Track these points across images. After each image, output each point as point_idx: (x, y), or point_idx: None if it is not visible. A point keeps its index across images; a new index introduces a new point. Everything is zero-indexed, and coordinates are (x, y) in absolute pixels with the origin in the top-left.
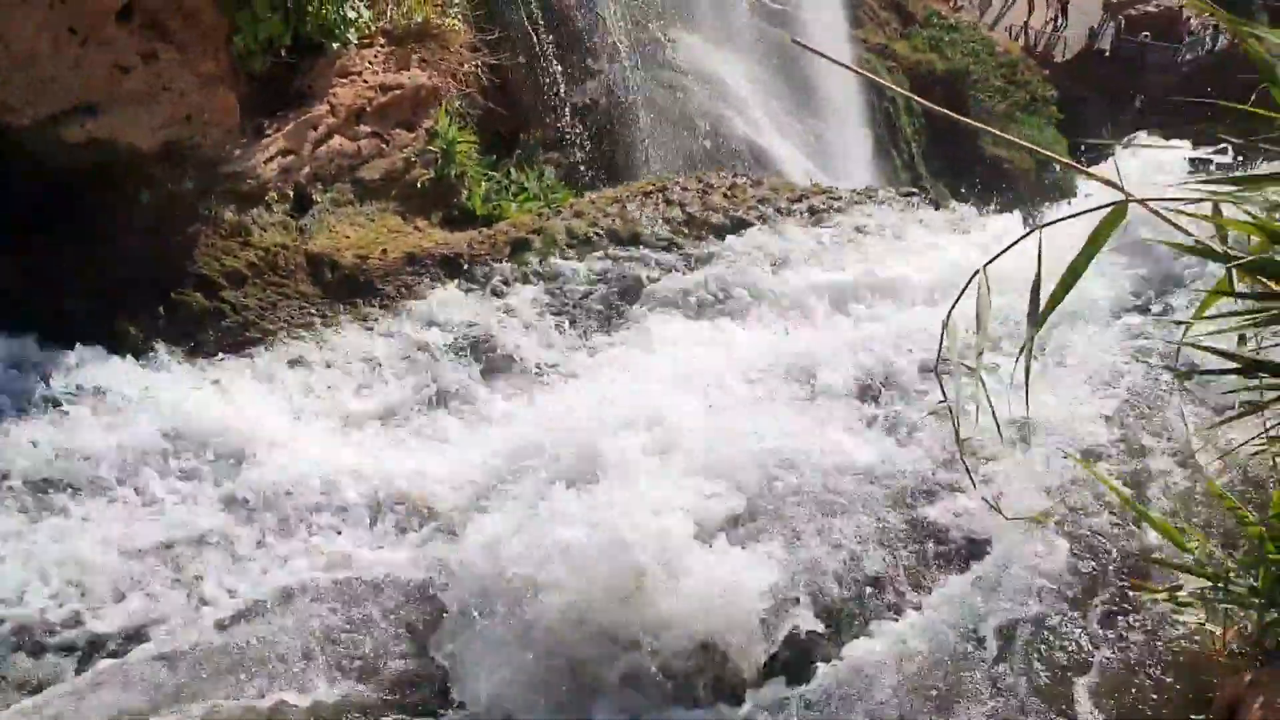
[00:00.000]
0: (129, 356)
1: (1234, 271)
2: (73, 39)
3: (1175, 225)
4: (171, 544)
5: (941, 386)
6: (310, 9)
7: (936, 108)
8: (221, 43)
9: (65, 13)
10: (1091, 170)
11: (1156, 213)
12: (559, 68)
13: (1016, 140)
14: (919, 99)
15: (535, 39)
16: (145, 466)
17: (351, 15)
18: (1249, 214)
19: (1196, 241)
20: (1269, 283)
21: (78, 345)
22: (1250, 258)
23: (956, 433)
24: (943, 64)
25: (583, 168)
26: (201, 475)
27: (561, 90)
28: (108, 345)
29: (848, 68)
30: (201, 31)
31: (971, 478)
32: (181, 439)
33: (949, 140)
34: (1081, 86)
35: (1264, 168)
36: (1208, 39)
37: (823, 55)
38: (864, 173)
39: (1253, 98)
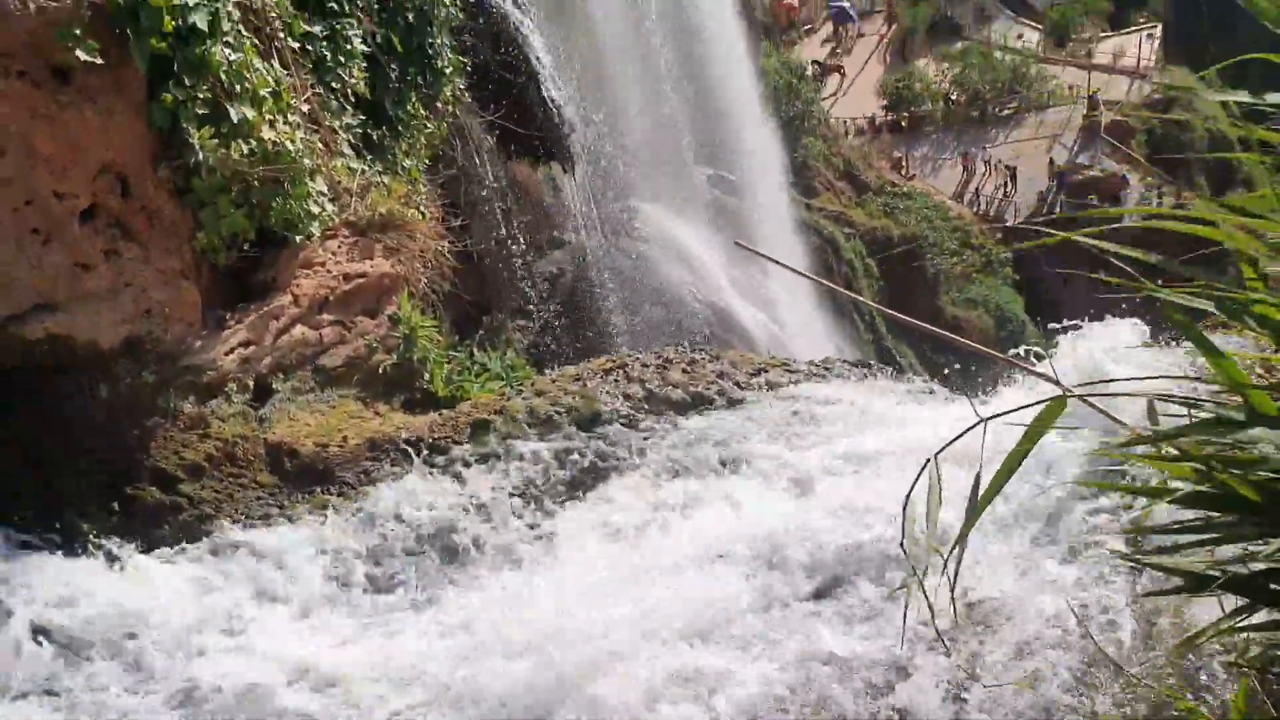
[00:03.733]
0: (75, 552)
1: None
2: (35, 239)
3: (1114, 419)
4: None
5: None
6: (274, 205)
7: None
8: (184, 239)
9: (30, 215)
10: (1031, 367)
11: (1095, 407)
12: (525, 239)
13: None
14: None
15: (501, 214)
16: (86, 662)
17: (315, 210)
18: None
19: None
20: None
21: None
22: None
23: (930, 608)
24: (898, 229)
25: (549, 338)
26: (150, 669)
27: (528, 260)
28: (57, 541)
29: (795, 271)
30: (164, 229)
31: (948, 647)
32: (128, 632)
33: (908, 301)
34: (1032, 249)
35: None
36: (1152, 200)
37: (769, 259)
38: (825, 333)
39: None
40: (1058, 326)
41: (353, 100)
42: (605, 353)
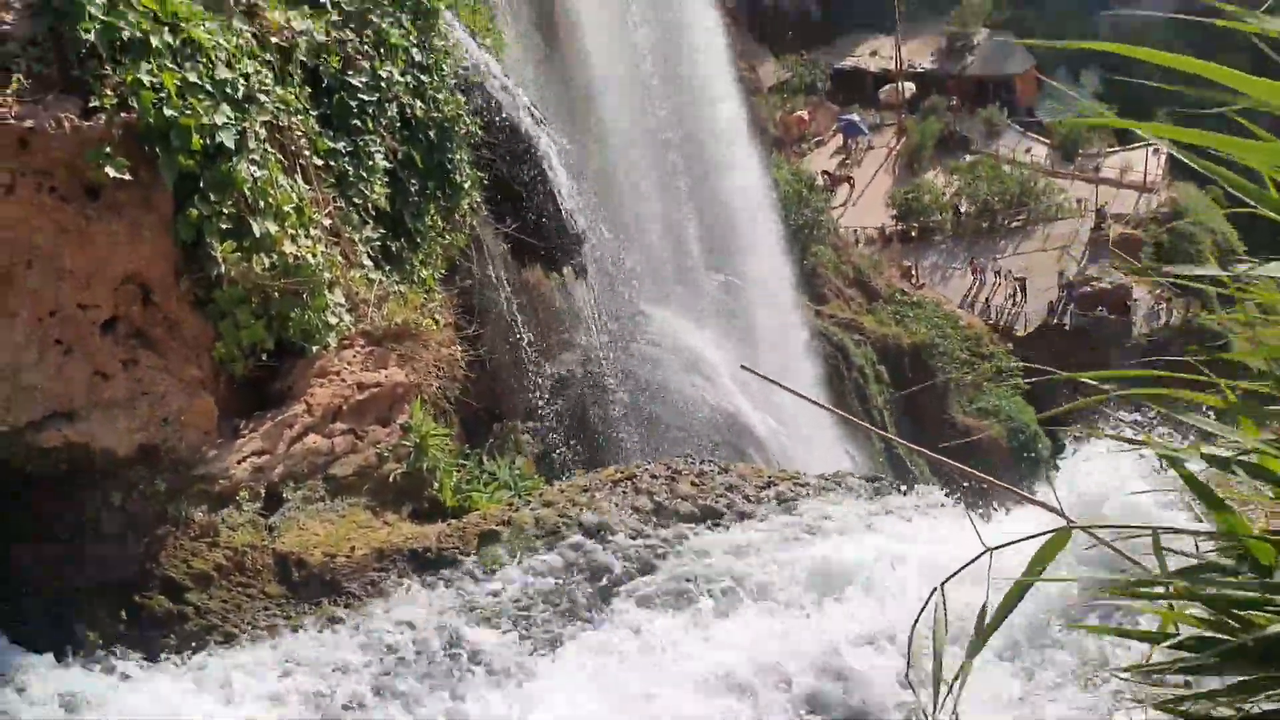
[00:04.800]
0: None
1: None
2: (58, 349)
3: (1120, 553)
4: None
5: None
6: (293, 316)
7: None
8: (204, 348)
9: (53, 326)
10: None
11: (1101, 540)
12: (536, 342)
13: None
14: None
15: (512, 319)
16: None
17: (333, 320)
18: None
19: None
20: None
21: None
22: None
23: None
24: (909, 337)
25: (558, 442)
26: None
27: (538, 363)
28: (63, 648)
29: (803, 396)
30: (184, 338)
31: None
32: None
33: (919, 409)
34: (1043, 359)
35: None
36: (1161, 313)
37: (777, 384)
38: (836, 438)
39: None
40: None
41: (373, 213)
42: (614, 457)
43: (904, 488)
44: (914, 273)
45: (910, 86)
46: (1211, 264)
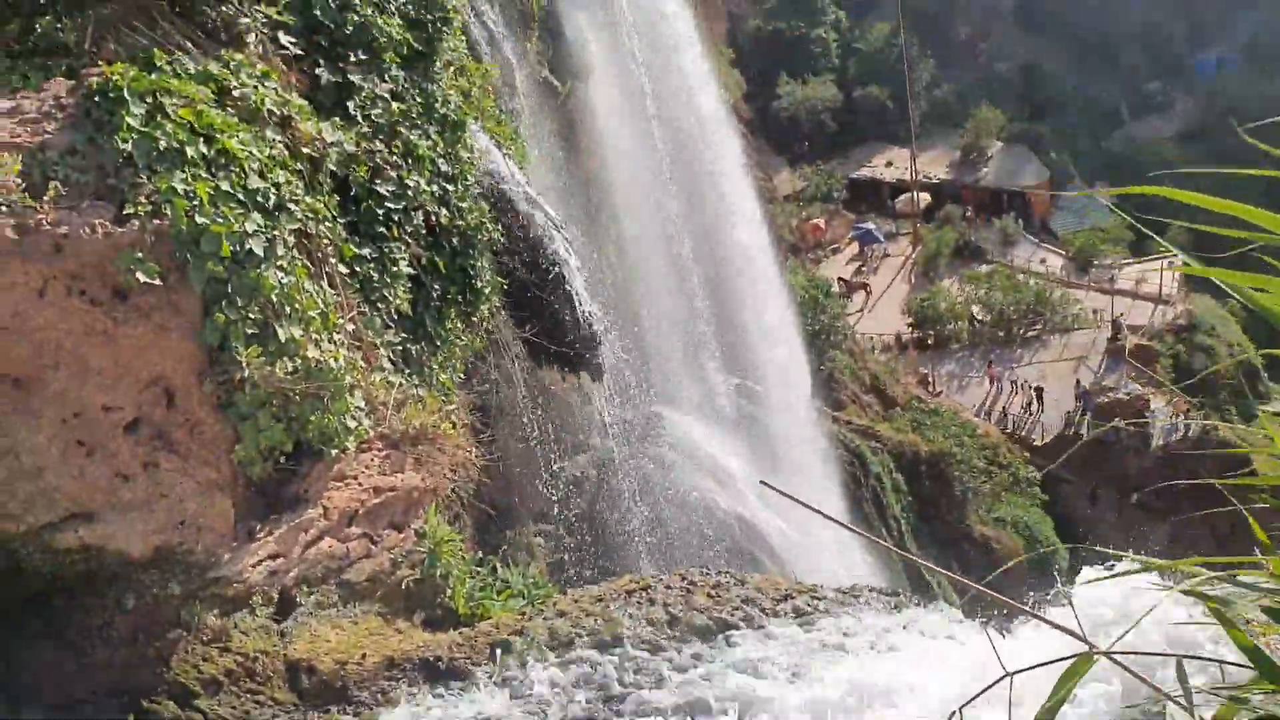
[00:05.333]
0: None
1: None
2: (79, 450)
3: (1144, 681)
4: None
5: None
6: (312, 419)
7: None
8: (223, 451)
9: (76, 426)
10: (1051, 619)
11: (1124, 666)
12: (551, 442)
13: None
14: None
15: (528, 419)
16: None
17: (352, 424)
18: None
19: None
20: None
21: None
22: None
23: None
24: (926, 445)
25: (571, 544)
26: None
27: (553, 464)
28: None
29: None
30: (204, 441)
31: None
32: None
33: (936, 518)
34: (1061, 468)
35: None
36: (1180, 425)
37: (795, 500)
38: (852, 547)
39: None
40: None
41: (395, 317)
42: (627, 561)
43: (923, 602)
44: (931, 380)
45: (925, 196)
46: (1230, 378)
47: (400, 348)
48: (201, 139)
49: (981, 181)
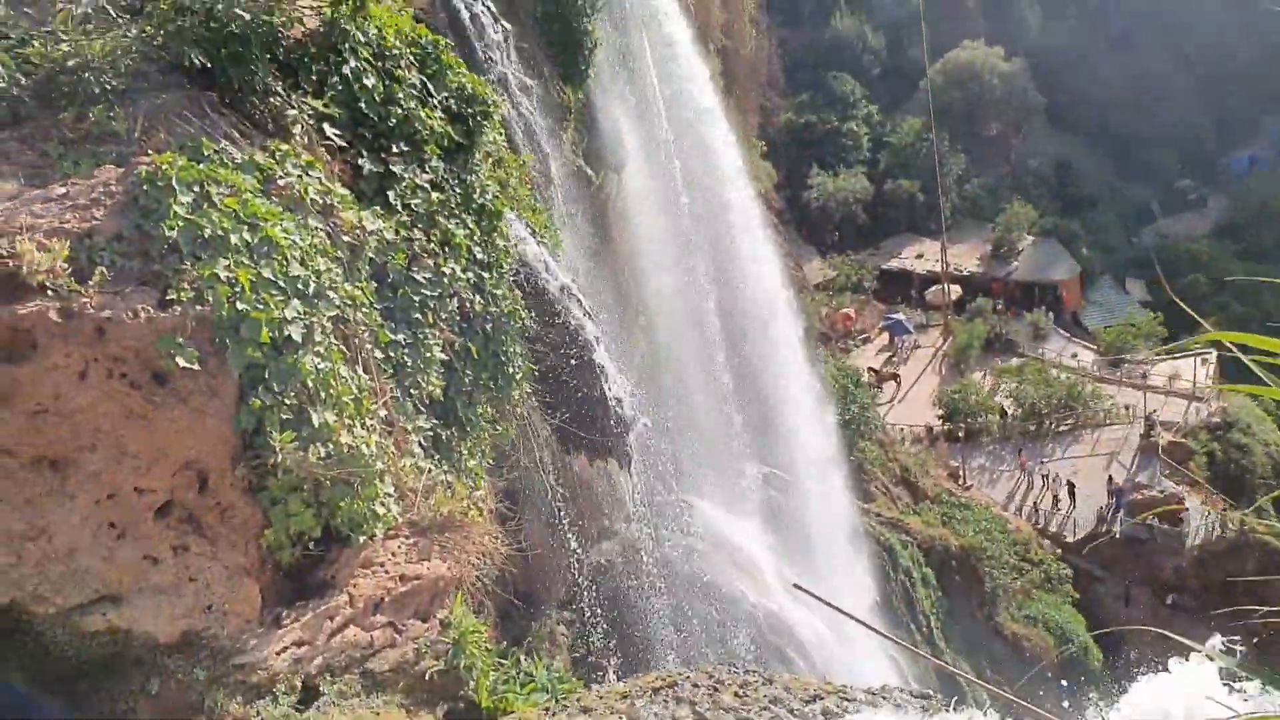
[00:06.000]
0: None
1: None
2: (111, 532)
3: None
4: None
5: None
6: (342, 505)
7: None
8: (253, 535)
9: (109, 509)
10: None
11: None
12: (577, 529)
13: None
14: None
15: (556, 506)
16: None
17: (381, 511)
18: None
19: None
20: None
21: None
22: None
23: None
24: (957, 540)
25: (596, 634)
26: None
27: (579, 551)
28: None
29: (854, 618)
30: (234, 525)
31: None
32: None
33: (966, 614)
34: (1094, 566)
35: None
36: (1214, 524)
37: (827, 604)
38: (882, 644)
39: None
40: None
41: (426, 403)
42: (651, 652)
43: (954, 704)
44: (961, 473)
45: (956, 289)
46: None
47: (431, 433)
48: (246, 227)
49: (1012, 275)
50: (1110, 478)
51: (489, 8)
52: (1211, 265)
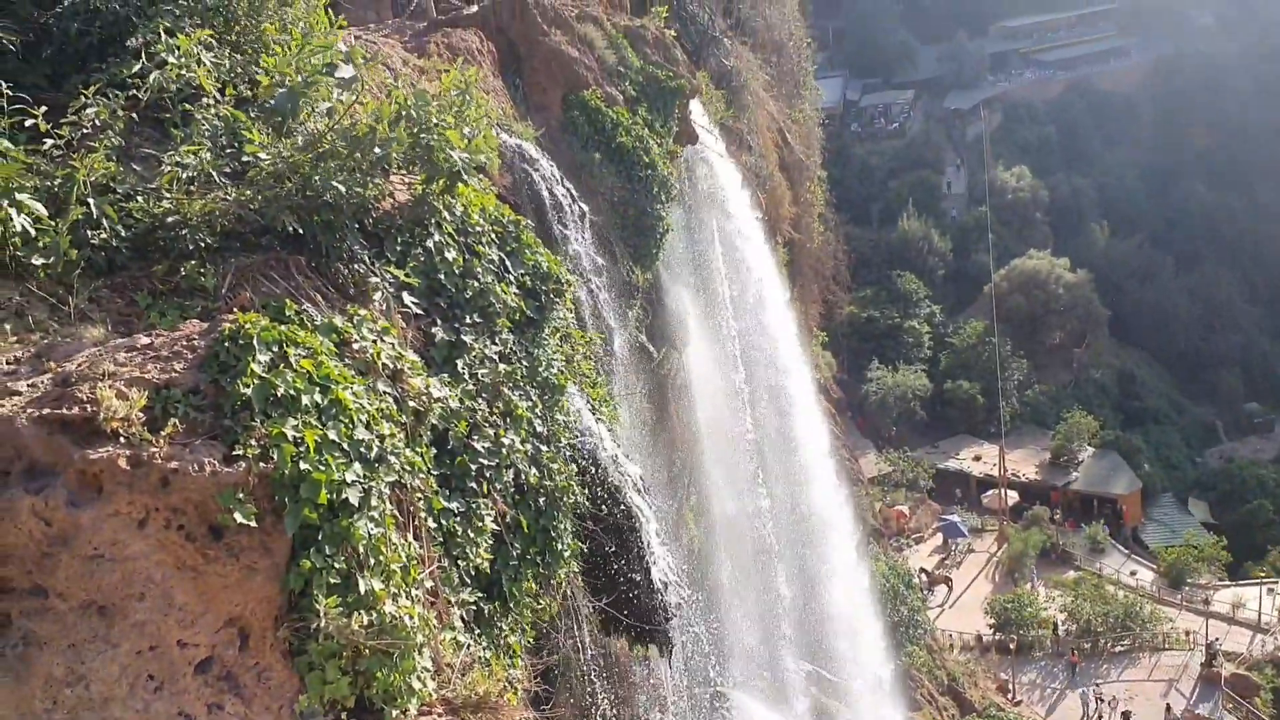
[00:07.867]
0: None
1: None
2: (149, 684)
3: None
4: None
5: None
6: (379, 675)
7: None
8: (286, 700)
9: (150, 660)
10: None
11: None
12: (611, 715)
13: None
14: None
15: (593, 692)
16: None
17: (417, 685)
18: None
19: None
20: None
21: None
22: None
23: None
24: None
25: None
26: None
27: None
28: None
29: None
30: (270, 688)
31: None
32: None
33: None
34: None
35: None
36: None
37: None
38: None
39: None
40: None
41: (472, 574)
42: None
43: None
44: (1011, 687)
45: (1014, 494)
46: None
47: (474, 606)
48: (318, 388)
49: (1071, 485)
50: (1168, 706)
51: (569, 190)
52: (1278, 491)
